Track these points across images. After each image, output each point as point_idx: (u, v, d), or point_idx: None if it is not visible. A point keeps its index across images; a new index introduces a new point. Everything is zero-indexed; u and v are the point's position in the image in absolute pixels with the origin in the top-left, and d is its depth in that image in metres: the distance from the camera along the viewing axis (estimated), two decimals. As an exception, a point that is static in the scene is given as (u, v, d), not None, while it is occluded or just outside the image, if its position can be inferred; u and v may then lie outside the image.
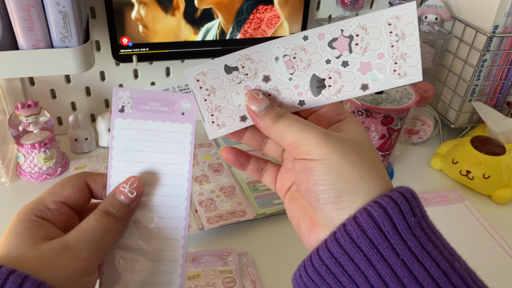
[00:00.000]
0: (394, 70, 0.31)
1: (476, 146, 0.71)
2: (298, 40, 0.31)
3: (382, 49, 0.31)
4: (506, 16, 0.71)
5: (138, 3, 0.66)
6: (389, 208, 0.26)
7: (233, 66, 0.32)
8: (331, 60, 0.31)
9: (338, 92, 0.32)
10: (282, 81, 0.32)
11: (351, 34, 0.31)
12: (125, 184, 0.33)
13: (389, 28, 0.30)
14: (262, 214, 0.62)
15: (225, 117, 0.33)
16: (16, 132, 0.68)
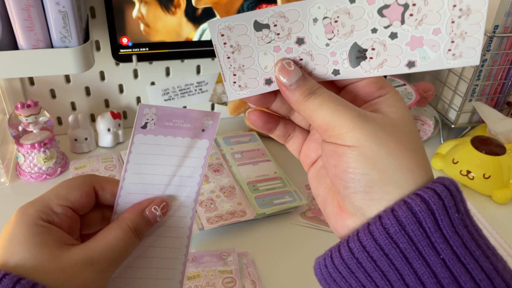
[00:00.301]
0: (449, 50, 0.27)
1: (476, 146, 0.71)
2: (343, 2, 0.27)
3: (440, 24, 0.27)
4: (506, 16, 0.71)
5: (139, 2, 0.66)
6: (432, 202, 0.24)
7: (264, 23, 0.28)
8: (378, 30, 0.28)
9: (380, 66, 0.28)
10: (318, 45, 0.29)
11: (406, 2, 0.27)
12: (157, 206, 0.32)
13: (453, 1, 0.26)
14: (262, 214, 0.62)
15: (248, 78, 0.30)
16: (15, 132, 0.68)
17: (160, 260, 0.34)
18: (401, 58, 0.28)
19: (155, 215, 0.32)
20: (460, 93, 0.79)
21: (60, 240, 0.28)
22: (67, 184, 0.31)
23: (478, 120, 0.82)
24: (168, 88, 0.81)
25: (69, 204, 0.30)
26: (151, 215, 0.32)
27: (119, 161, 0.72)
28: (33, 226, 0.28)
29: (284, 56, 0.29)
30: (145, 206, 0.32)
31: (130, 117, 0.83)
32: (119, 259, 0.29)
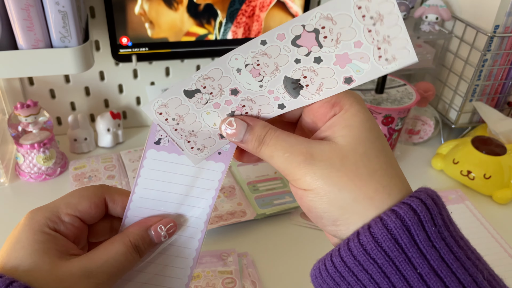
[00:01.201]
0: (380, 56, 0.27)
1: (476, 146, 0.71)
2: (256, 46, 0.28)
3: (358, 37, 0.26)
4: (507, 16, 0.70)
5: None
6: (407, 218, 0.25)
7: (193, 90, 0.29)
8: (300, 59, 0.28)
9: (319, 90, 0.28)
10: (253, 90, 0.29)
11: (315, 28, 0.27)
12: (163, 226, 0.32)
13: (360, 12, 0.26)
14: (262, 215, 0.62)
15: (203, 139, 0.31)
16: (15, 132, 0.68)
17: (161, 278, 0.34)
18: (336, 78, 0.28)
19: (159, 235, 0.31)
20: (460, 93, 0.79)
21: (63, 249, 0.28)
22: (78, 194, 0.31)
23: (479, 120, 0.82)
24: (168, 88, 0.81)
25: (78, 214, 0.31)
26: (156, 234, 0.31)
27: (118, 161, 0.72)
28: (38, 232, 0.28)
29: (225, 108, 0.30)
30: (151, 223, 0.32)
31: (129, 117, 0.83)
32: (117, 274, 0.29)
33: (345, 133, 0.27)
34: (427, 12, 0.78)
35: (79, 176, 0.68)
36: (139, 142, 0.80)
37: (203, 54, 0.75)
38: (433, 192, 0.26)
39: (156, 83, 0.80)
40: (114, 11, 0.66)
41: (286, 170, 0.27)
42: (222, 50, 0.75)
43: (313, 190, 0.27)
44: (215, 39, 0.73)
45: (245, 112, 0.30)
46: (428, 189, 0.27)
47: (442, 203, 0.26)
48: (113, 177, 0.68)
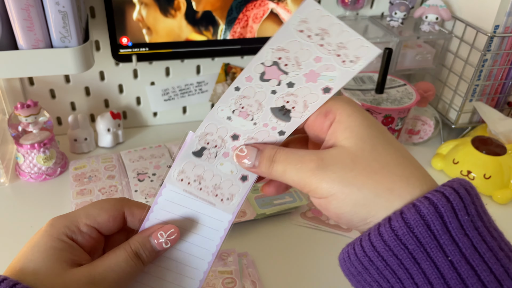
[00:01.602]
0: (343, 61, 0.29)
1: (477, 146, 0.71)
2: (233, 93, 0.31)
3: (315, 54, 0.29)
4: (507, 16, 0.71)
5: (139, 4, 0.66)
6: (441, 205, 0.25)
7: (199, 149, 0.32)
8: (275, 90, 0.31)
9: (306, 107, 0.31)
10: (249, 129, 0.32)
11: (273, 61, 0.30)
12: (164, 232, 0.32)
13: (304, 34, 0.29)
14: (262, 215, 0.62)
15: (227, 188, 0.33)
16: (15, 132, 0.68)
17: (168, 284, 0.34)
18: (315, 92, 0.30)
19: (160, 241, 0.32)
20: (460, 93, 0.79)
21: (76, 258, 0.30)
22: (99, 205, 0.32)
23: (479, 120, 0.82)
24: (168, 88, 0.81)
25: (96, 225, 0.32)
26: (156, 239, 0.32)
27: (118, 161, 0.72)
28: (56, 239, 0.30)
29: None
30: (153, 231, 0.32)
31: (130, 117, 0.83)
32: (120, 280, 0.30)
33: (347, 135, 0.28)
34: (427, 12, 0.78)
35: (79, 176, 0.68)
36: (139, 142, 0.80)
37: (203, 54, 0.75)
38: (466, 183, 0.27)
39: (156, 83, 0.80)
40: (114, 11, 0.66)
41: (302, 181, 0.28)
42: (222, 50, 0.75)
43: (333, 196, 0.27)
44: (215, 39, 0.73)
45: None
46: (462, 179, 0.27)
47: (476, 193, 0.26)
48: (113, 177, 0.68)
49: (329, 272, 0.55)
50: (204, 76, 0.82)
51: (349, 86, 0.68)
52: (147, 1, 0.66)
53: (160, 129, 0.84)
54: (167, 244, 0.32)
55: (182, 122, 0.87)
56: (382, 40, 0.77)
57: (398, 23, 0.80)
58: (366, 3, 0.81)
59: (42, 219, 0.63)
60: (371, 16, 0.84)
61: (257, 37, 0.75)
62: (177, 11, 0.68)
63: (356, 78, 0.71)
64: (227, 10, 0.70)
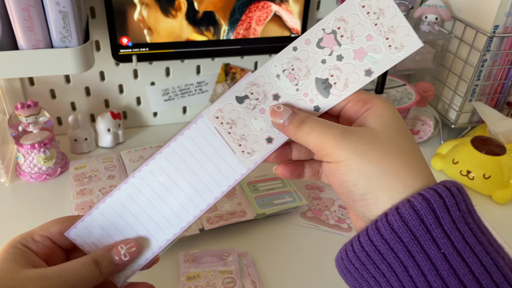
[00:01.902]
0: (390, 46, 0.31)
1: (476, 146, 0.71)
2: (289, 52, 0.33)
3: (368, 31, 0.31)
4: (506, 16, 0.71)
5: (140, 4, 0.66)
6: (433, 201, 0.26)
7: (243, 96, 0.34)
8: (326, 59, 0.32)
9: (346, 86, 0.32)
10: (291, 94, 0.33)
11: (332, 29, 0.32)
12: (124, 245, 0.34)
13: (364, 10, 0.31)
14: (262, 215, 0.62)
15: (252, 143, 0.34)
16: (15, 132, 0.68)
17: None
18: (358, 72, 0.32)
19: (119, 253, 0.34)
20: (460, 93, 0.79)
21: (30, 262, 0.32)
22: (56, 219, 0.36)
23: (478, 120, 0.82)
24: (168, 88, 0.81)
25: (49, 234, 0.35)
26: (116, 252, 0.34)
27: (119, 161, 0.72)
28: (11, 247, 0.33)
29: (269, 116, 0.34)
30: (115, 245, 0.34)
31: (130, 117, 0.83)
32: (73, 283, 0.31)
33: (376, 121, 0.30)
34: (426, 13, 0.78)
35: (79, 176, 0.68)
36: (139, 142, 0.80)
37: (203, 54, 0.75)
38: (458, 184, 0.28)
39: (156, 83, 0.81)
40: (114, 11, 0.66)
41: (322, 143, 0.30)
42: (222, 50, 0.75)
43: (344, 161, 0.29)
44: (215, 40, 0.73)
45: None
46: (454, 180, 0.28)
47: (466, 193, 0.28)
48: (113, 177, 0.68)
49: (329, 271, 0.56)
50: (204, 76, 0.82)
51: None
52: (148, 2, 0.66)
53: (160, 129, 0.85)
54: (126, 257, 0.34)
55: (182, 122, 0.87)
56: (381, 40, 0.77)
57: (397, 23, 0.80)
58: (366, 3, 0.82)
59: (42, 219, 0.63)
60: (371, 16, 0.84)
61: (256, 37, 0.75)
62: (178, 11, 0.68)
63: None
64: (230, 11, 0.70)
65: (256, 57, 0.83)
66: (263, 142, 0.34)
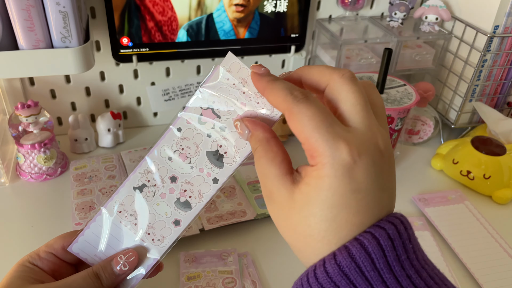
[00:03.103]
0: (262, 108, 0.33)
1: (476, 146, 0.71)
2: (175, 135, 0.34)
3: (239, 99, 0.33)
4: (507, 16, 0.71)
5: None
6: (369, 245, 0.25)
7: (140, 185, 0.35)
8: (210, 133, 0.34)
9: (236, 152, 0.34)
10: (187, 172, 0.34)
11: (208, 105, 0.34)
12: (123, 255, 0.35)
13: (229, 82, 0.33)
14: (262, 215, 0.62)
15: (160, 230, 0.35)
16: (16, 132, 0.68)
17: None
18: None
19: (119, 263, 0.35)
20: (460, 94, 0.79)
21: (37, 278, 0.34)
22: (60, 235, 0.37)
23: (478, 121, 0.82)
24: (168, 88, 0.81)
25: (53, 250, 0.36)
26: (116, 262, 0.35)
27: (119, 161, 0.72)
28: (20, 266, 0.35)
29: (171, 197, 0.35)
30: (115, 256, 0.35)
31: (130, 117, 0.83)
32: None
33: (309, 181, 0.27)
34: (427, 13, 0.78)
35: (79, 176, 0.68)
36: (139, 142, 0.80)
37: (203, 54, 0.75)
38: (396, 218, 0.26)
39: (156, 83, 0.81)
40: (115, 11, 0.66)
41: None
42: (222, 50, 0.75)
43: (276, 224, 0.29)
44: (215, 40, 0.73)
45: (188, 196, 0.35)
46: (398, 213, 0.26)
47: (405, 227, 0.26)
48: (114, 177, 0.68)
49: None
50: (205, 76, 0.82)
51: (349, 86, 0.68)
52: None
53: (161, 129, 0.84)
54: (126, 267, 0.35)
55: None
56: (382, 40, 0.77)
57: (398, 23, 0.80)
58: (366, 3, 0.82)
59: (42, 219, 0.63)
60: (371, 17, 0.85)
61: (256, 38, 0.75)
62: None
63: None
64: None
65: (256, 57, 0.83)
66: (171, 226, 0.35)
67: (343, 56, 0.76)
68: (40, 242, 0.38)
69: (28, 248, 0.38)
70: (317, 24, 0.82)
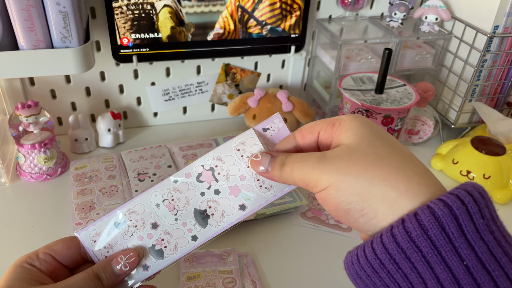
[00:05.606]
0: (260, 186, 0.34)
1: (476, 146, 0.71)
2: (170, 184, 0.35)
3: (241, 172, 0.34)
4: (506, 16, 0.71)
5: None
6: (455, 207, 0.24)
7: (121, 222, 0.35)
8: (204, 192, 0.35)
9: (222, 217, 0.35)
10: (170, 223, 0.35)
11: (211, 167, 0.35)
12: (123, 256, 0.35)
13: (239, 153, 0.34)
14: (262, 215, 0.62)
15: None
16: (16, 132, 0.68)
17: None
18: (233, 206, 0.35)
19: (119, 264, 0.35)
20: (460, 94, 0.79)
21: (37, 279, 0.34)
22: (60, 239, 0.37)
23: (478, 121, 0.82)
24: (168, 88, 0.81)
25: (51, 252, 0.36)
26: (116, 263, 0.35)
27: (119, 161, 0.72)
28: (18, 266, 0.35)
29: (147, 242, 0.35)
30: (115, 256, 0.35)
31: (130, 118, 0.84)
32: None
33: (348, 135, 0.30)
34: (426, 13, 0.78)
35: (79, 176, 0.68)
36: (139, 142, 0.80)
37: (204, 54, 0.75)
38: (479, 187, 0.26)
39: (156, 83, 0.81)
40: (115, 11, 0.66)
41: (306, 176, 0.30)
42: (222, 50, 0.75)
43: (331, 186, 0.28)
44: (215, 40, 0.73)
45: (164, 246, 0.35)
46: (475, 183, 0.26)
47: (488, 197, 0.26)
48: (114, 177, 0.68)
49: (329, 271, 0.56)
50: (205, 77, 0.82)
51: (349, 87, 0.69)
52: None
53: (161, 129, 0.85)
54: (126, 267, 0.35)
55: (183, 122, 0.87)
56: (381, 40, 0.77)
57: (397, 23, 0.80)
58: (366, 3, 0.82)
59: (42, 219, 0.63)
60: (371, 17, 0.85)
61: (256, 38, 0.75)
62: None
63: (356, 79, 0.71)
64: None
65: (256, 57, 0.83)
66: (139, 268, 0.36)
67: (343, 56, 0.76)
68: (40, 242, 0.38)
69: (28, 248, 0.38)
70: (317, 24, 0.82)
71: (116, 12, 0.67)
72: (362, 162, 0.28)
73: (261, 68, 0.85)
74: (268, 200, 0.34)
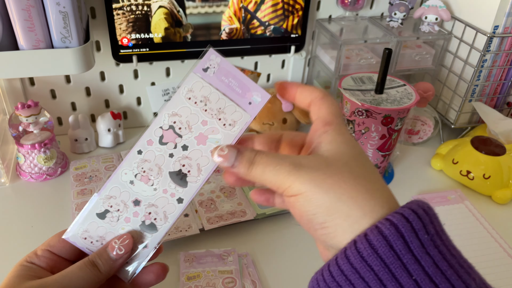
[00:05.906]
0: (224, 124, 0.34)
1: (476, 146, 0.71)
2: (135, 157, 0.34)
3: (201, 118, 0.34)
4: (506, 16, 0.71)
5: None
6: (401, 225, 0.25)
7: (103, 211, 0.35)
8: (172, 153, 0.34)
9: (199, 170, 0.34)
10: (150, 195, 0.34)
11: (170, 125, 0.34)
12: (117, 240, 0.35)
13: (191, 101, 0.34)
14: (262, 215, 0.62)
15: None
16: (16, 133, 0.68)
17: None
18: (206, 155, 0.34)
19: (114, 248, 0.35)
20: (460, 94, 0.79)
21: (36, 274, 0.34)
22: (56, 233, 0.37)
23: (478, 121, 0.82)
24: (168, 88, 0.81)
25: (49, 247, 0.36)
26: (111, 248, 0.35)
27: (119, 161, 0.72)
28: (19, 266, 0.36)
29: (135, 220, 0.35)
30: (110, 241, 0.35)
31: (130, 118, 0.84)
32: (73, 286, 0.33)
33: (328, 148, 0.30)
34: (426, 13, 0.78)
35: (79, 176, 0.68)
36: (139, 142, 0.80)
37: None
38: (424, 204, 0.27)
39: (156, 83, 0.81)
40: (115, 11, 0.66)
41: (278, 181, 0.29)
42: (222, 50, 0.75)
43: (302, 194, 0.28)
44: (215, 40, 0.73)
45: (153, 218, 0.35)
46: (419, 200, 0.28)
47: (433, 213, 0.27)
48: (114, 177, 0.68)
49: (329, 271, 0.56)
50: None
51: (349, 87, 0.68)
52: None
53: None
54: (121, 250, 0.34)
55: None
56: (381, 40, 0.77)
57: (397, 23, 0.80)
58: (365, 3, 0.82)
59: (42, 219, 0.63)
60: (370, 17, 0.85)
61: (256, 38, 0.75)
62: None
63: (356, 79, 0.71)
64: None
65: (256, 57, 0.83)
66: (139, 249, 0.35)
67: (343, 56, 0.76)
68: (40, 242, 0.38)
69: (28, 248, 0.38)
70: (317, 24, 0.82)
71: (116, 13, 0.67)
72: (336, 178, 0.28)
73: (261, 68, 0.85)
74: (236, 136, 0.33)
